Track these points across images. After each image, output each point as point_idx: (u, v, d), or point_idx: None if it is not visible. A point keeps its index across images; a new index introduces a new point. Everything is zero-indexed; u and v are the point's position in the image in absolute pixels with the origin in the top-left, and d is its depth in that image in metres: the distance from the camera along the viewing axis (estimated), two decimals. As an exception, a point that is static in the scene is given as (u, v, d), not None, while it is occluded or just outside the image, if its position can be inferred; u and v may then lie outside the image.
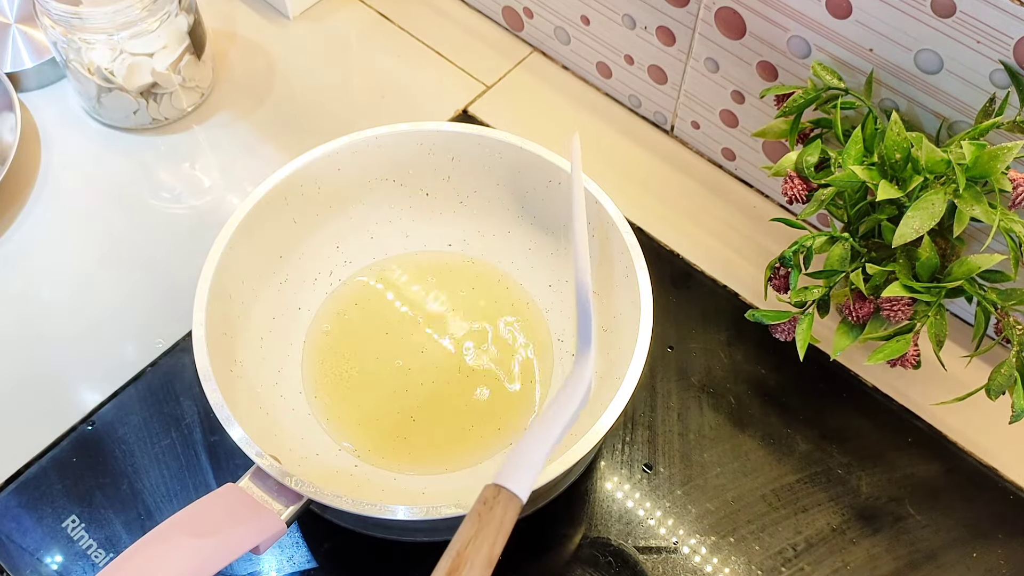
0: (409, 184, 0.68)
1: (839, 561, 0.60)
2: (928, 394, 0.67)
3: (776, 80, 0.68)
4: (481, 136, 0.65)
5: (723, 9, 0.67)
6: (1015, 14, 0.53)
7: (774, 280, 0.63)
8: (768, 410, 0.66)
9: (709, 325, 0.70)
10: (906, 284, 0.56)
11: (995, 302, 0.56)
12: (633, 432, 0.65)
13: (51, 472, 0.63)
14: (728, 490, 0.63)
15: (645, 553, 0.61)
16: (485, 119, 0.81)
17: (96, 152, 0.79)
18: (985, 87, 0.57)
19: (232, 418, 0.54)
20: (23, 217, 0.75)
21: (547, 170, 0.65)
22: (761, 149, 0.73)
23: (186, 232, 0.75)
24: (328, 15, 0.88)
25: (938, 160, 0.53)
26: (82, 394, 0.67)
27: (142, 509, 0.62)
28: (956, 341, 0.68)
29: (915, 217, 0.53)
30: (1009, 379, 0.55)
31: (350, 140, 0.65)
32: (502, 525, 0.42)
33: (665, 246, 0.74)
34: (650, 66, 0.76)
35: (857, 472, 0.64)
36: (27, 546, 0.61)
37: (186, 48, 0.76)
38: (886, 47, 0.60)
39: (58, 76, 0.82)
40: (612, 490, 0.63)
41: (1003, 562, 0.61)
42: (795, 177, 0.61)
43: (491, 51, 0.85)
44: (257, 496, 0.52)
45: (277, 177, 0.63)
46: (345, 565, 0.61)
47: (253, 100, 0.82)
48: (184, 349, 0.68)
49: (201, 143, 0.80)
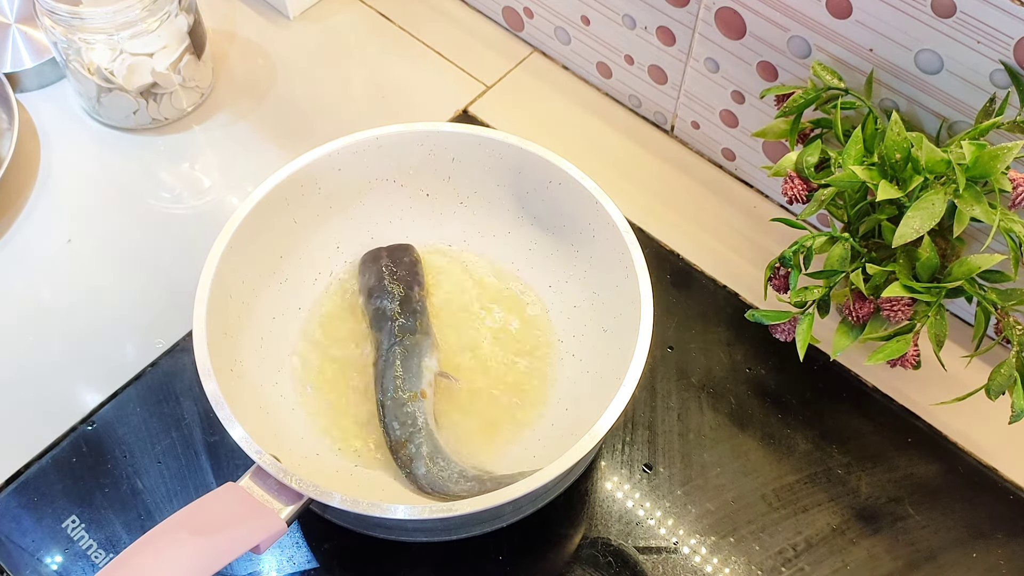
0: (409, 184, 0.68)
1: (839, 561, 0.60)
2: (928, 394, 0.67)
3: (776, 80, 0.68)
4: (481, 136, 0.65)
5: (723, 9, 0.67)
6: (1015, 14, 0.53)
7: (774, 280, 0.63)
8: (768, 410, 0.66)
9: (709, 325, 0.70)
10: (906, 284, 0.56)
11: (995, 302, 0.56)
12: (633, 432, 0.65)
13: (51, 472, 0.63)
14: (728, 490, 0.63)
15: (645, 553, 0.61)
16: (485, 119, 0.81)
17: (96, 152, 0.79)
18: (985, 87, 0.57)
19: (232, 418, 0.54)
20: (23, 217, 0.75)
21: (547, 170, 0.65)
22: (761, 149, 0.73)
23: (186, 232, 0.75)
24: (328, 15, 0.88)
25: (938, 160, 0.53)
26: (82, 394, 0.67)
27: (142, 509, 0.62)
28: (956, 341, 0.68)
29: (915, 217, 0.53)
30: (1009, 379, 0.55)
31: (350, 140, 0.65)
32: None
33: (665, 246, 0.74)
34: (650, 66, 0.76)
35: (857, 472, 0.64)
36: (27, 546, 0.61)
37: (186, 48, 0.76)
38: (886, 47, 0.60)
39: (58, 76, 0.82)
40: (612, 490, 0.63)
41: (1003, 562, 0.61)
42: (795, 177, 0.61)
43: (491, 51, 0.85)
44: (257, 495, 0.52)
45: (277, 177, 0.63)
46: (345, 565, 0.61)
47: (253, 100, 0.82)
48: (184, 349, 0.68)
49: (201, 143, 0.80)
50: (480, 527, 0.60)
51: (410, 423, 0.59)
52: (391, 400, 0.60)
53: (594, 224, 0.63)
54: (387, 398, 0.60)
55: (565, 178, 0.64)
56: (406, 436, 0.59)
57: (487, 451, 0.61)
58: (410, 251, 0.67)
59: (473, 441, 0.62)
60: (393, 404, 0.60)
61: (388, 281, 0.65)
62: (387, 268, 0.65)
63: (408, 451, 0.58)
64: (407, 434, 0.59)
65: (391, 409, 0.60)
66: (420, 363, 0.62)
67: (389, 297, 0.64)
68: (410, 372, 0.61)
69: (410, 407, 0.60)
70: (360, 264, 0.67)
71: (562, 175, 0.64)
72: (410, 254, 0.67)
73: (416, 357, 0.62)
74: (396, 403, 0.60)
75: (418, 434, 0.59)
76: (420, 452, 0.58)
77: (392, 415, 0.60)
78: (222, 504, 0.52)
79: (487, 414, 0.63)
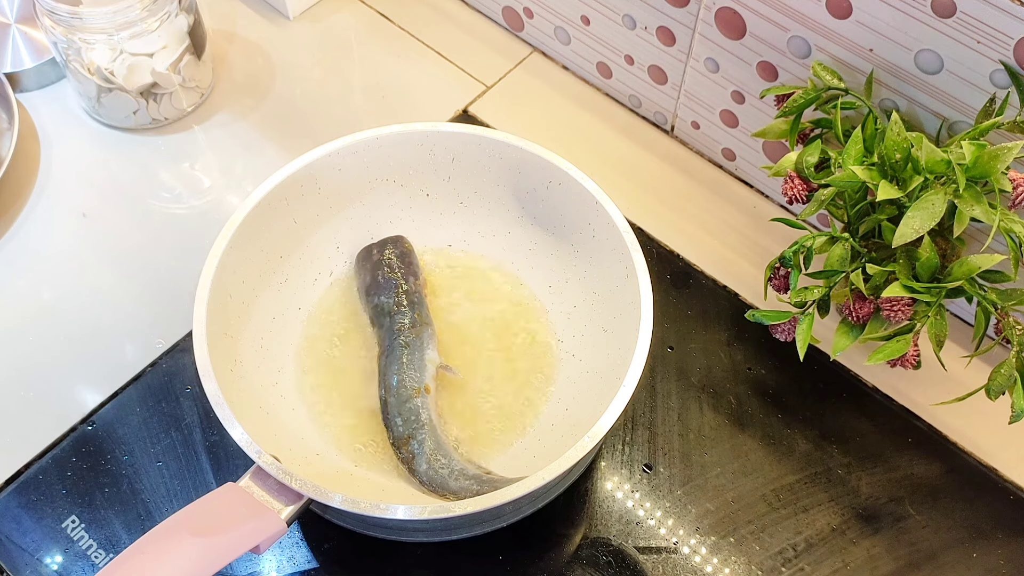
0: (409, 184, 0.68)
1: (839, 561, 0.60)
2: (928, 394, 0.67)
3: (776, 80, 0.68)
4: (481, 136, 0.65)
5: (723, 9, 0.67)
6: (1015, 14, 0.53)
7: (774, 280, 0.63)
8: (768, 410, 0.66)
9: (709, 325, 0.70)
10: (906, 284, 0.56)
11: (995, 302, 0.56)
12: (633, 432, 0.65)
13: (51, 472, 0.63)
14: (728, 490, 0.63)
15: (645, 553, 0.61)
16: (485, 119, 0.81)
17: (96, 152, 0.79)
18: (985, 87, 0.57)
19: (232, 418, 0.54)
20: (23, 217, 0.75)
21: (547, 170, 0.65)
22: (761, 149, 0.73)
23: (186, 232, 0.75)
24: (328, 15, 0.88)
25: (938, 160, 0.53)
26: (82, 394, 0.67)
27: (142, 509, 0.62)
28: (956, 341, 0.68)
29: (915, 217, 0.53)
30: (1009, 379, 0.55)
31: (350, 140, 0.65)
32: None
33: (665, 246, 0.74)
34: (650, 66, 0.76)
35: (857, 472, 0.64)
36: (27, 546, 0.61)
37: (186, 48, 0.76)
38: (886, 47, 0.60)
39: (58, 76, 0.82)
40: (612, 490, 0.63)
41: (1003, 562, 0.61)
42: (795, 177, 0.61)
43: (491, 51, 0.85)
44: (257, 495, 0.52)
45: (277, 177, 0.63)
46: (345, 565, 0.61)
47: (253, 100, 0.82)
48: (184, 349, 0.68)
49: (201, 143, 0.80)
50: (480, 527, 0.60)
51: (413, 419, 0.59)
52: (394, 396, 0.60)
53: (594, 224, 0.63)
54: (390, 394, 0.60)
55: (565, 178, 0.64)
56: (409, 432, 0.59)
57: (487, 451, 0.61)
58: (401, 242, 0.67)
59: (473, 441, 0.62)
60: (396, 400, 0.60)
61: (383, 276, 0.65)
62: (380, 263, 0.65)
63: (410, 447, 0.58)
64: (410, 430, 0.59)
65: (394, 405, 0.60)
66: (423, 356, 0.62)
67: (386, 292, 0.64)
68: (413, 367, 0.61)
69: (413, 403, 0.60)
70: (355, 263, 0.67)
71: (562, 175, 0.64)
72: (401, 245, 0.67)
73: (419, 351, 0.62)
74: (399, 399, 0.60)
75: (421, 430, 0.59)
76: (422, 449, 0.58)
77: (395, 411, 0.60)
78: (222, 504, 0.52)
79: (487, 414, 0.63)
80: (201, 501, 0.51)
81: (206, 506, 0.51)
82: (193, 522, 0.50)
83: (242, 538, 0.50)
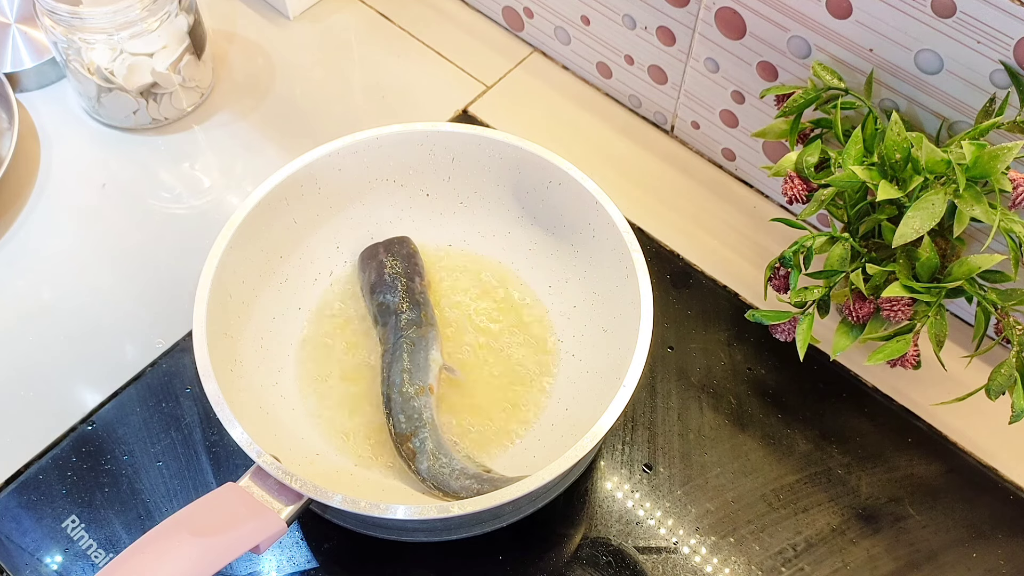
0: (409, 184, 0.68)
1: (839, 561, 0.60)
2: (928, 394, 0.67)
3: (776, 80, 0.68)
4: (481, 136, 0.65)
5: (723, 9, 0.67)
6: (1015, 14, 0.53)
7: (774, 280, 0.63)
8: (768, 410, 0.66)
9: (709, 325, 0.70)
10: (906, 284, 0.56)
11: (995, 302, 0.56)
12: (633, 432, 0.65)
13: (51, 472, 0.63)
14: (728, 490, 0.63)
15: (645, 553, 0.61)
16: (485, 119, 0.81)
17: (96, 152, 0.79)
18: (985, 87, 0.57)
19: (232, 418, 0.54)
20: (23, 217, 0.75)
21: (547, 170, 0.65)
22: (761, 149, 0.73)
23: (186, 232, 0.75)
24: (328, 15, 0.88)
25: (938, 160, 0.53)
26: (82, 394, 0.67)
27: (142, 509, 0.62)
28: (956, 341, 0.68)
29: (915, 217, 0.53)
30: (1009, 379, 0.55)
31: (350, 140, 0.65)
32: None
33: (665, 246, 0.74)
34: (650, 66, 0.76)
35: (857, 472, 0.64)
36: (27, 546, 0.61)
37: (186, 48, 0.76)
38: (886, 47, 0.60)
39: (58, 76, 0.82)
40: (612, 490, 0.63)
41: (1003, 562, 0.61)
42: (795, 177, 0.61)
43: (491, 51, 0.85)
44: (257, 495, 0.52)
45: (277, 177, 0.63)
46: (345, 565, 0.61)
47: (253, 100, 0.82)
48: (184, 349, 0.68)
49: (201, 143, 0.80)
50: (480, 527, 0.60)
51: (416, 417, 0.59)
52: (398, 394, 0.60)
53: (594, 224, 0.63)
54: (394, 392, 0.60)
55: (565, 178, 0.64)
56: (411, 430, 0.59)
57: (487, 450, 0.61)
58: (407, 243, 0.67)
59: (473, 440, 0.62)
60: (400, 398, 0.60)
61: (388, 275, 0.65)
62: (386, 262, 0.66)
63: (412, 445, 0.59)
64: (412, 428, 0.59)
65: (398, 403, 0.60)
66: (427, 356, 0.62)
67: (391, 291, 0.64)
68: (417, 366, 0.61)
69: (417, 402, 0.60)
70: (359, 262, 0.67)
71: (562, 175, 0.64)
72: (407, 246, 0.67)
73: (423, 350, 0.62)
74: (403, 397, 0.60)
75: (423, 428, 0.59)
76: (424, 447, 0.58)
77: (399, 409, 0.60)
78: (222, 504, 0.52)
79: (487, 413, 0.63)
80: (201, 501, 0.51)
81: (206, 506, 0.51)
82: (193, 522, 0.50)
83: (242, 538, 0.50)
